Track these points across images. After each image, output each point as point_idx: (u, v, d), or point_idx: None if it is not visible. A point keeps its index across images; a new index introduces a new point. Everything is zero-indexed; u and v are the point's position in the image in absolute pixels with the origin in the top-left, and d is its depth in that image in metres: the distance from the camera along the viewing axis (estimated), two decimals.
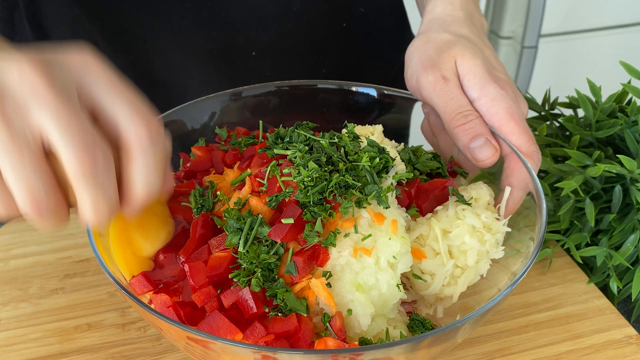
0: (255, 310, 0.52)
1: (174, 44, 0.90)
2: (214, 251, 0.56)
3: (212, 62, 0.92)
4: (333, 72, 0.98)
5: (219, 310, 0.52)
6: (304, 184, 0.55)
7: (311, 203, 0.55)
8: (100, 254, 0.53)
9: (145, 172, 0.46)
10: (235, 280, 0.54)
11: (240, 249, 0.55)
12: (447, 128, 0.66)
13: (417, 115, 0.76)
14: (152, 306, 0.53)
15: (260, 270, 0.54)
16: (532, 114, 0.85)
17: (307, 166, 0.56)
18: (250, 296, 0.52)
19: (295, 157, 0.59)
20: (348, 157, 0.59)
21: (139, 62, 0.91)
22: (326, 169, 0.57)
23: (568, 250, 0.77)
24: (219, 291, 0.54)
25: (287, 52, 0.94)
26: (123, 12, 0.86)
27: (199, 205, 0.61)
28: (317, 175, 0.55)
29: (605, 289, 0.74)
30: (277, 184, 0.57)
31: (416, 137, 0.78)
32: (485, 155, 0.63)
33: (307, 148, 0.60)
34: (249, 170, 0.62)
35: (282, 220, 0.54)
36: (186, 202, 0.63)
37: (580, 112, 0.80)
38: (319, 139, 0.62)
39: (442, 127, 0.67)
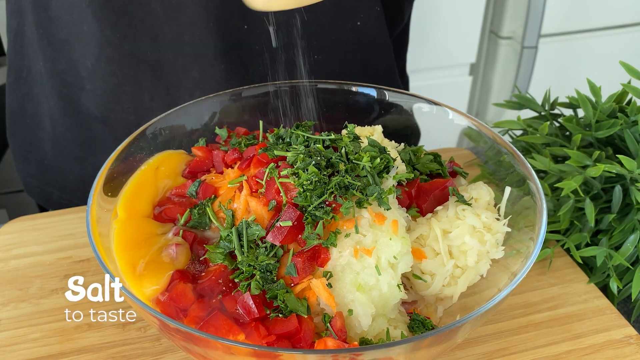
0: (257, 315, 0.52)
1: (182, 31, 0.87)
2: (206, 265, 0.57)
3: (207, 30, 0.88)
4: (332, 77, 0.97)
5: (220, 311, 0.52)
6: (303, 187, 0.55)
7: (311, 207, 0.55)
8: (100, 254, 0.53)
9: None
10: (237, 280, 0.54)
11: (239, 258, 0.55)
12: None
13: (421, 117, 0.76)
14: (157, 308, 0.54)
15: (259, 272, 0.54)
16: (532, 114, 0.85)
17: (307, 170, 0.56)
18: (252, 302, 0.52)
19: (295, 161, 0.59)
20: (349, 157, 0.59)
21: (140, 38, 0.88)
22: (325, 172, 0.57)
23: (568, 250, 0.77)
24: (219, 296, 0.54)
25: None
26: None
27: (196, 223, 0.62)
28: (316, 179, 0.55)
29: (605, 289, 0.74)
30: (275, 186, 0.57)
31: (423, 139, 0.78)
32: None
33: (306, 149, 0.60)
34: (244, 176, 0.62)
35: (280, 223, 0.54)
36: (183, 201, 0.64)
37: (580, 112, 0.80)
38: (319, 137, 0.61)
39: None
